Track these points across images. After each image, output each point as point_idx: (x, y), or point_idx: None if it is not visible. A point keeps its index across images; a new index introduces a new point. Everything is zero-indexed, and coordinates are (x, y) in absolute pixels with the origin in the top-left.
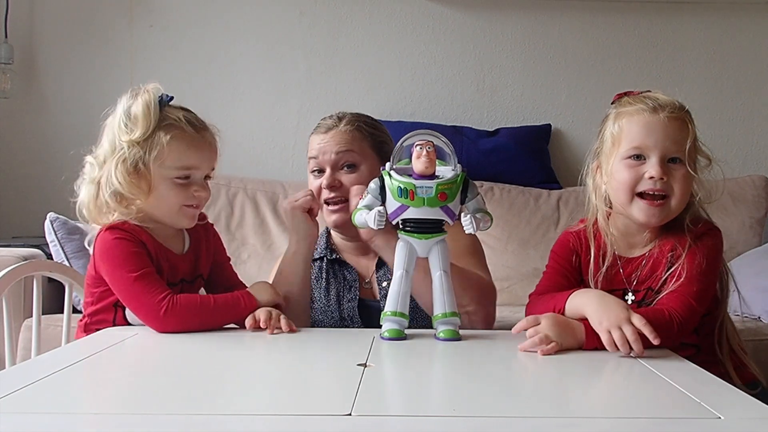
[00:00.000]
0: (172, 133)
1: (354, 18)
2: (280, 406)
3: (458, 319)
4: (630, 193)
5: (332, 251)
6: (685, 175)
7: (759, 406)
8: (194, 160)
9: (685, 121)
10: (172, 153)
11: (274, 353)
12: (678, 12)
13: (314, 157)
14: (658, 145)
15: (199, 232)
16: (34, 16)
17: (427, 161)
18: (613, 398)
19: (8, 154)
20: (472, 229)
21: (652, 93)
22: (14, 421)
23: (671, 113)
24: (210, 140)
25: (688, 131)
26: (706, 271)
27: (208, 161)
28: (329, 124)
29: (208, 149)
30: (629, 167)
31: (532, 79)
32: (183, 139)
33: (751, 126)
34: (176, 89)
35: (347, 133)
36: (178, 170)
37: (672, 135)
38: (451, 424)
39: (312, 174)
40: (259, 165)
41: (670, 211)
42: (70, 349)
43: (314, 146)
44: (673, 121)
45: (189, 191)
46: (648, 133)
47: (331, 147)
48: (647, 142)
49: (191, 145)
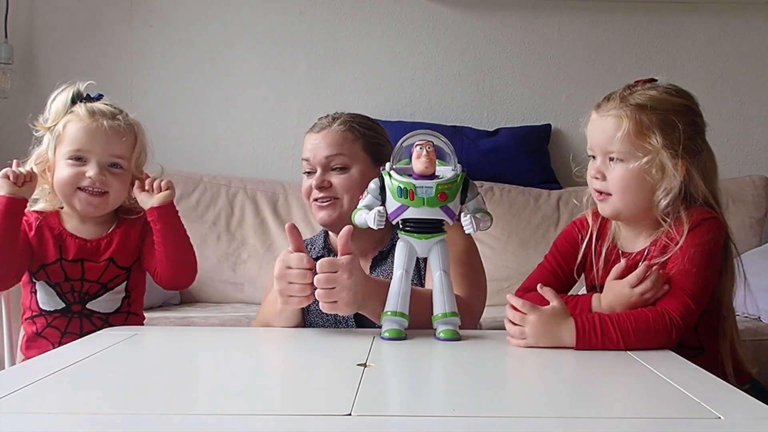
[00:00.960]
0: (68, 119)
1: (354, 18)
2: (280, 406)
3: (458, 319)
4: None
5: (329, 251)
6: (621, 174)
7: (759, 406)
8: (85, 143)
9: (619, 117)
10: (66, 137)
11: (273, 353)
12: (678, 12)
13: (306, 159)
14: (595, 145)
15: (130, 228)
16: (34, 16)
17: (427, 161)
18: (613, 398)
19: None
20: (472, 229)
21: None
22: (14, 421)
23: (608, 112)
24: (109, 127)
25: (620, 127)
26: (702, 267)
27: (103, 146)
28: (323, 124)
29: (102, 135)
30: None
31: (532, 79)
32: (76, 124)
33: (751, 126)
34: (176, 89)
35: (339, 133)
36: (69, 152)
37: (604, 133)
38: (451, 424)
39: (304, 174)
40: (259, 165)
41: (616, 206)
42: (70, 349)
43: (307, 147)
44: (605, 120)
45: (80, 172)
46: (591, 133)
47: (322, 149)
48: (591, 142)
49: (83, 130)
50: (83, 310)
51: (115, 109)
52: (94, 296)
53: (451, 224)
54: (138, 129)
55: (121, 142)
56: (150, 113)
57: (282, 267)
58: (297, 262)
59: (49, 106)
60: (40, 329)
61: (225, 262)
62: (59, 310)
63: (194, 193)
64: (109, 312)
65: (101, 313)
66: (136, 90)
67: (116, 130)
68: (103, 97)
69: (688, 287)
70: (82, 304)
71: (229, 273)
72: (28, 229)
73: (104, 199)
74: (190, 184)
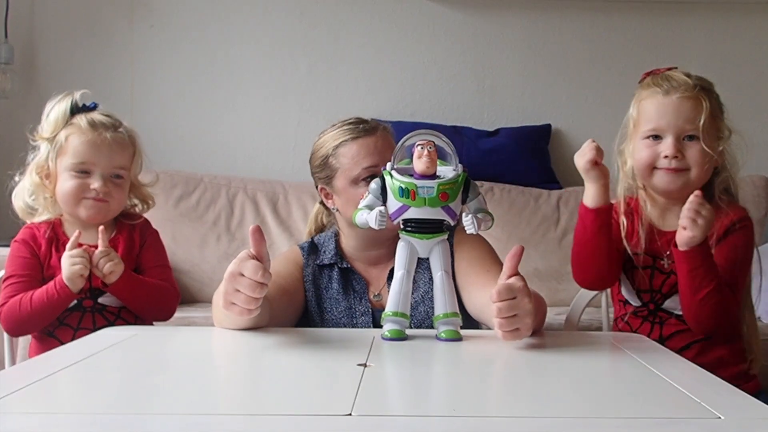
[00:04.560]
0: (70, 131)
1: (354, 18)
2: (280, 406)
3: (459, 319)
4: (649, 169)
5: (342, 259)
6: (700, 150)
7: (759, 406)
8: (89, 156)
9: (699, 99)
10: (69, 149)
11: (273, 353)
12: (678, 12)
13: (374, 166)
14: (671, 126)
15: (131, 232)
16: (35, 16)
17: (429, 161)
18: (613, 398)
19: (8, 154)
20: (473, 229)
21: (673, 72)
22: (14, 421)
23: (684, 93)
24: (112, 140)
25: (701, 109)
26: (745, 273)
27: (107, 159)
28: (368, 128)
29: (106, 148)
30: (647, 147)
31: (532, 79)
32: (79, 137)
33: (751, 126)
34: (177, 89)
35: (388, 137)
36: (73, 165)
37: (684, 114)
38: (452, 424)
39: (362, 183)
40: (259, 165)
41: (689, 180)
42: (69, 349)
43: (363, 152)
44: (685, 101)
45: (85, 184)
46: (661, 114)
47: (385, 153)
48: (661, 123)
49: (87, 143)
50: (95, 305)
51: (114, 120)
52: (104, 291)
53: (452, 224)
54: (136, 138)
55: (123, 154)
56: (150, 113)
57: (235, 270)
58: (251, 272)
59: (47, 116)
60: (51, 329)
61: (225, 262)
62: (71, 308)
63: (194, 193)
64: (121, 306)
65: (113, 307)
66: (136, 90)
67: (119, 142)
68: (99, 106)
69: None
70: (94, 299)
71: None
72: (37, 248)
73: (107, 206)
74: (190, 184)
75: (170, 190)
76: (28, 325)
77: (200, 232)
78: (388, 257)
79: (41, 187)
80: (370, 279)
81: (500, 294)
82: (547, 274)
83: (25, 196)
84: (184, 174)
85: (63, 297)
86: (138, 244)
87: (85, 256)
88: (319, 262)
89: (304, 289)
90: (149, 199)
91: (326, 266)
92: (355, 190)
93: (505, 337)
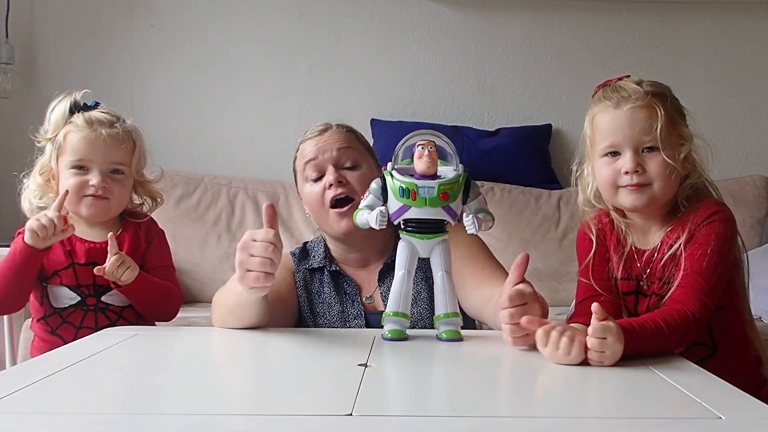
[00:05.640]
0: (68, 129)
1: (354, 18)
2: (280, 405)
3: (459, 319)
4: (613, 188)
5: (331, 261)
6: (661, 161)
7: (760, 406)
8: (86, 153)
9: (652, 107)
10: (67, 147)
11: (274, 353)
12: (678, 12)
13: (313, 159)
14: (627, 139)
15: (137, 231)
16: (35, 16)
17: (429, 161)
18: (613, 398)
19: (8, 154)
20: (474, 229)
21: (623, 82)
22: (14, 421)
23: (635, 103)
24: (107, 136)
25: (656, 117)
26: (715, 263)
27: (104, 154)
28: (321, 128)
29: (102, 144)
30: (606, 165)
31: (533, 79)
32: (76, 134)
33: (751, 126)
34: (177, 89)
35: (343, 133)
36: (72, 162)
37: (639, 125)
38: (452, 424)
39: (309, 183)
40: (259, 165)
41: (655, 195)
42: (70, 350)
43: (309, 149)
44: (638, 111)
45: (84, 181)
46: (616, 129)
47: (331, 145)
48: (617, 138)
49: (83, 140)
50: (98, 303)
51: (112, 116)
52: (108, 289)
53: (453, 224)
54: (136, 134)
55: (120, 149)
56: (150, 113)
57: (248, 238)
58: (263, 235)
59: (49, 116)
60: (54, 327)
61: (225, 262)
62: (74, 305)
63: (195, 193)
64: (124, 306)
65: (116, 306)
66: (136, 90)
67: (115, 137)
68: (100, 105)
69: (702, 284)
70: (97, 298)
71: (229, 273)
72: None
73: (107, 203)
74: (190, 184)
75: (171, 190)
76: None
77: (201, 232)
78: (376, 258)
79: (46, 187)
80: (360, 282)
81: (512, 300)
82: (547, 274)
83: (32, 197)
84: (184, 174)
85: (23, 251)
86: (144, 243)
87: (51, 225)
88: (309, 266)
89: (297, 295)
90: (157, 196)
91: (317, 270)
92: (304, 188)
93: (515, 342)
